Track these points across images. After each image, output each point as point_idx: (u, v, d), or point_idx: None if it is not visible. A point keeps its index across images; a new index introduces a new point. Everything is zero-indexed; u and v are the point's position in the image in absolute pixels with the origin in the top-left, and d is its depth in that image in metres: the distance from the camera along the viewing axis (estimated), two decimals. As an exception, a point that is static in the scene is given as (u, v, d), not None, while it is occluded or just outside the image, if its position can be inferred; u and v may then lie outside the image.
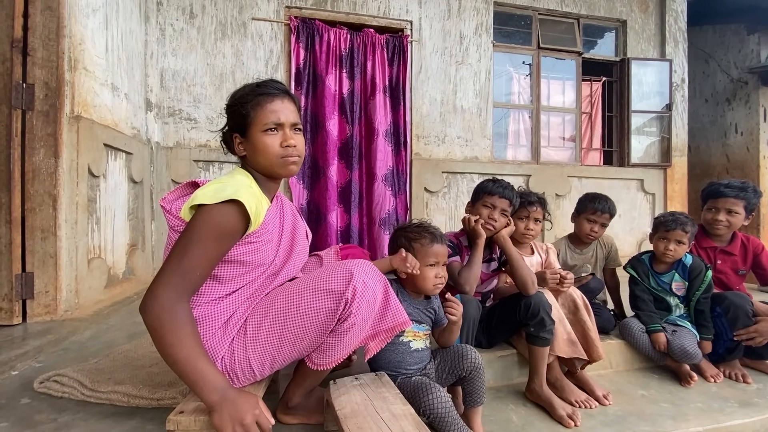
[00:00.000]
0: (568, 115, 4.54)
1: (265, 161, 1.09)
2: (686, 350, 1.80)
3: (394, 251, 1.39)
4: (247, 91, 1.11)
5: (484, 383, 1.36)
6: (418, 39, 3.88)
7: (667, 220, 1.95)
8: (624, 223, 4.35)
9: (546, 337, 1.55)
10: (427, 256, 1.35)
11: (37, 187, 1.97)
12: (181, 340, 0.90)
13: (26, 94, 1.96)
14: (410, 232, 1.40)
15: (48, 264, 1.98)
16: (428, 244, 1.36)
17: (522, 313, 1.57)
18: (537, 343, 1.56)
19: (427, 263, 1.35)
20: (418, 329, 1.35)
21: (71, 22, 2.09)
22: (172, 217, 1.03)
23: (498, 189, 1.70)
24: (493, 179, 1.76)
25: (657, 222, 2.01)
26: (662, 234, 1.95)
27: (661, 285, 2.00)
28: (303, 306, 1.03)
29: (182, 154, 3.37)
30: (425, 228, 1.41)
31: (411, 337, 1.34)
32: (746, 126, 5.00)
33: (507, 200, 1.70)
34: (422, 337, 1.37)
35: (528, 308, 1.55)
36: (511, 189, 1.74)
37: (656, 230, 2.00)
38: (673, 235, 1.92)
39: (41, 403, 1.31)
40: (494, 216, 1.69)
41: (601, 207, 2.06)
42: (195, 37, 3.43)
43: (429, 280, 1.34)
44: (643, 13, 4.49)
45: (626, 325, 1.96)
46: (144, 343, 1.77)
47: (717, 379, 1.84)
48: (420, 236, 1.38)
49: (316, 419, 1.24)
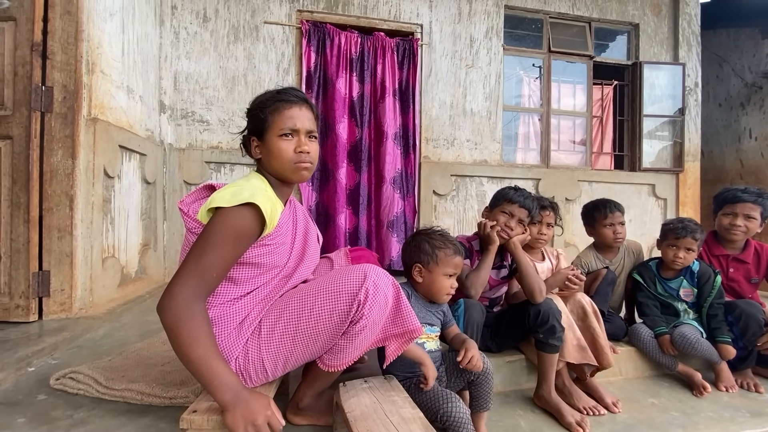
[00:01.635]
0: (579, 118, 4.51)
1: (278, 165, 1.11)
2: (685, 336, 1.80)
3: (412, 253, 1.40)
4: (267, 96, 1.14)
5: (492, 389, 1.37)
6: (429, 42, 3.89)
7: (676, 228, 1.92)
8: (635, 228, 4.31)
9: (555, 344, 1.54)
10: (448, 266, 1.36)
11: (54, 187, 2.02)
12: (198, 340, 0.92)
13: (45, 97, 2.01)
14: (435, 239, 1.40)
15: (64, 263, 2.02)
16: (452, 255, 1.37)
17: (531, 320, 1.55)
18: (546, 350, 1.56)
19: (447, 273, 1.36)
20: (430, 331, 1.37)
21: (89, 26, 2.14)
22: (190, 219, 1.05)
23: (519, 198, 1.69)
24: (515, 187, 1.76)
25: (666, 229, 1.99)
26: (671, 241, 1.93)
27: (669, 291, 1.98)
28: (317, 308, 1.05)
29: (194, 155, 3.42)
30: (448, 238, 1.42)
31: (425, 339, 1.36)
32: (761, 131, 4.93)
33: (526, 210, 1.69)
34: (434, 339, 1.39)
35: (538, 315, 1.54)
36: (531, 199, 1.72)
37: (665, 237, 1.98)
38: (683, 243, 1.90)
39: (57, 400, 1.34)
40: (511, 224, 1.68)
41: (610, 208, 2.04)
42: (208, 40, 3.48)
43: (444, 290, 1.37)
44: (656, 17, 4.45)
45: (635, 331, 1.94)
46: (156, 342, 1.80)
47: (731, 390, 1.80)
48: (445, 245, 1.39)
49: (326, 420, 1.26)
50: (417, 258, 1.39)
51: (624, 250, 2.13)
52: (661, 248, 2.00)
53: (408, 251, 1.44)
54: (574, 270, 1.74)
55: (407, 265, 1.43)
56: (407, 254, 1.44)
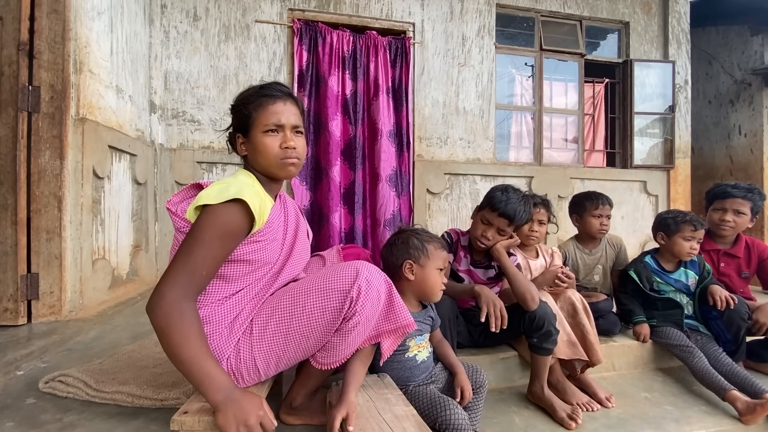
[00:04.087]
0: (571, 116, 4.53)
1: (264, 161, 1.10)
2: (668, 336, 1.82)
3: (400, 252, 1.36)
4: (250, 92, 1.13)
5: (483, 401, 1.38)
6: (421, 41, 3.89)
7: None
8: (627, 224, 4.34)
9: (549, 347, 1.54)
10: (438, 259, 1.35)
11: (42, 188, 1.99)
12: (188, 340, 0.90)
13: (32, 97, 1.97)
14: (421, 234, 1.39)
15: (53, 265, 1.99)
16: (440, 248, 1.36)
17: (527, 326, 1.54)
18: (540, 352, 1.55)
19: (438, 266, 1.35)
20: (420, 340, 1.35)
21: (77, 25, 2.11)
22: (178, 218, 1.04)
23: (499, 205, 1.59)
24: (503, 188, 1.65)
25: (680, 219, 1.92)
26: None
27: (672, 284, 1.97)
28: (309, 305, 1.04)
29: (186, 155, 3.39)
30: (432, 234, 1.41)
31: (416, 351, 1.34)
32: (750, 128, 4.99)
33: (506, 220, 1.59)
34: (425, 347, 1.37)
35: (533, 321, 1.52)
36: (520, 203, 1.60)
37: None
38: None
39: (46, 403, 1.32)
40: (488, 234, 1.62)
41: (601, 200, 2.07)
42: (199, 39, 3.46)
43: (438, 285, 1.34)
44: (646, 15, 4.49)
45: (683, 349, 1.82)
46: (148, 344, 1.78)
47: None
48: (432, 239, 1.37)
49: (319, 420, 1.25)
50: (407, 255, 1.34)
51: (605, 241, 2.17)
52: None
53: (394, 251, 1.37)
54: (563, 269, 1.74)
55: (394, 266, 1.36)
56: (393, 255, 1.37)
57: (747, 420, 1.53)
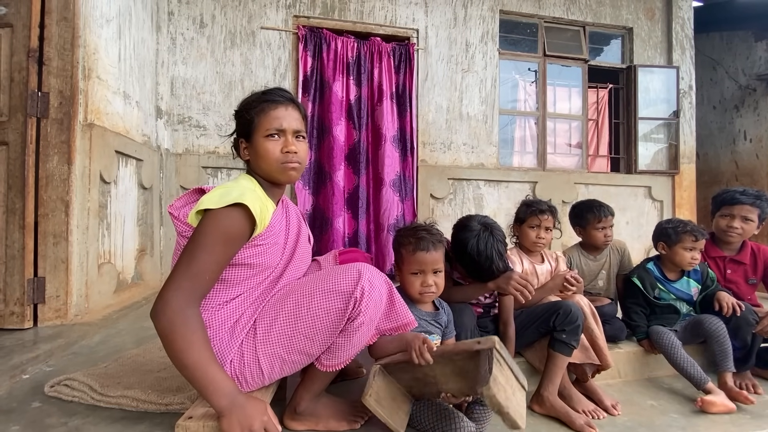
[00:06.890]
0: (575, 121, 4.53)
1: (266, 166, 1.11)
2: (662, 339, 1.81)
3: (395, 254, 1.40)
4: (253, 98, 1.15)
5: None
6: (425, 47, 3.92)
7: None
8: (631, 230, 4.32)
9: (574, 345, 1.53)
10: (409, 264, 1.33)
11: (50, 193, 2.01)
12: (192, 345, 0.91)
13: (41, 103, 2.00)
14: (401, 236, 1.38)
15: (59, 269, 2.01)
16: (411, 252, 1.32)
17: (560, 318, 1.53)
18: (563, 350, 1.53)
19: (410, 271, 1.33)
20: (432, 339, 1.34)
21: (86, 32, 2.14)
22: (180, 223, 1.05)
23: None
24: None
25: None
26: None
27: (674, 293, 1.95)
28: (313, 307, 1.04)
29: (191, 160, 3.42)
30: (415, 233, 1.35)
31: None
32: (755, 133, 4.97)
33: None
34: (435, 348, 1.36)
35: (567, 314, 1.52)
36: (499, 252, 1.50)
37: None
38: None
39: (52, 407, 1.33)
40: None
41: (603, 212, 2.06)
42: (205, 45, 3.49)
43: (413, 287, 1.33)
44: (650, 21, 4.50)
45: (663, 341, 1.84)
46: (152, 348, 1.79)
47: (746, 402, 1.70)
48: (407, 242, 1.34)
49: (324, 425, 1.24)
50: (394, 259, 1.38)
51: (608, 249, 2.16)
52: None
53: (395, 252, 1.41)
54: (572, 272, 1.74)
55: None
56: (396, 255, 1.41)
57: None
